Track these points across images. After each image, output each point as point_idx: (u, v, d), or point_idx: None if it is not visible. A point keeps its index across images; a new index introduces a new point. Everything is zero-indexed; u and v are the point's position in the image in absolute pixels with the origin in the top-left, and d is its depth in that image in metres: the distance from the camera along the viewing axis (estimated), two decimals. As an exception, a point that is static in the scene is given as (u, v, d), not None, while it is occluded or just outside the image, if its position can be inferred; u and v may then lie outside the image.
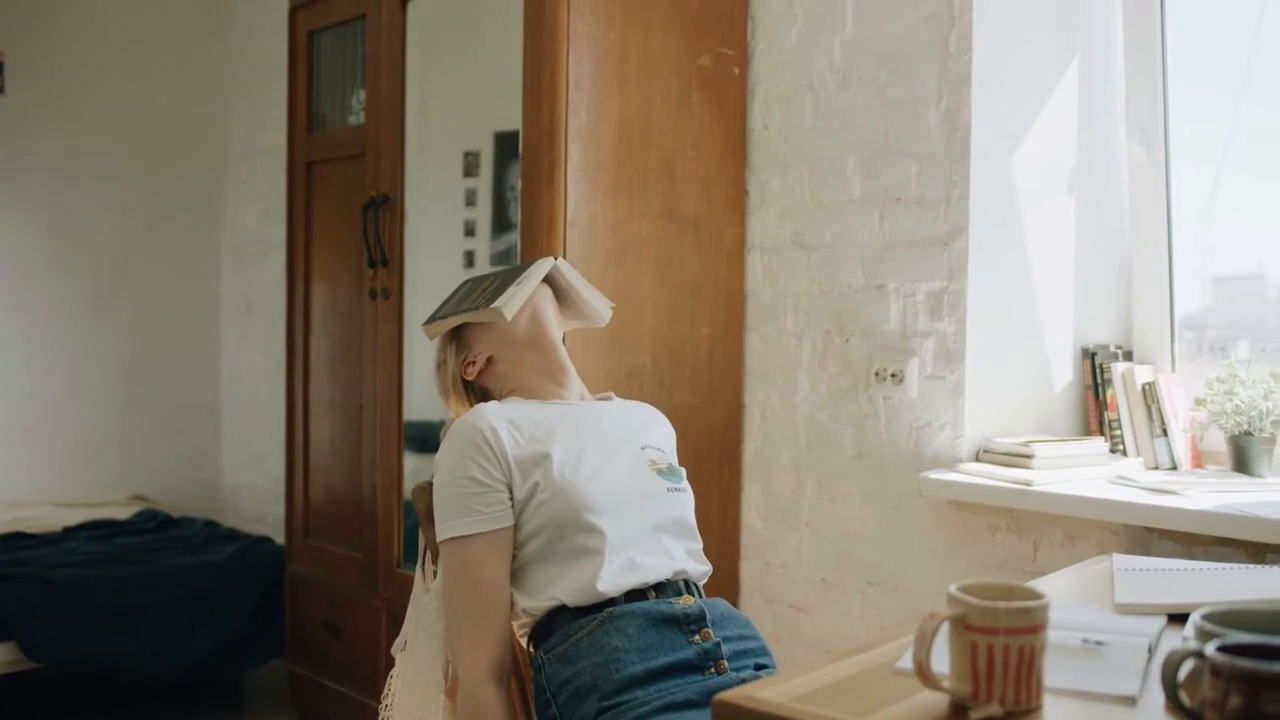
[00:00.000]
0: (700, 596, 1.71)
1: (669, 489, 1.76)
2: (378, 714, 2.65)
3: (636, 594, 1.65)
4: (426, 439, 3.07)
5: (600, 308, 1.96)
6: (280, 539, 3.59)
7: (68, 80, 4.17)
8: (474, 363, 1.86)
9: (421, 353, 2.89)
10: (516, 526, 1.67)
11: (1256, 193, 2.47)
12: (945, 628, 1.03)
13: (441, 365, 1.89)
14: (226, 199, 4.57)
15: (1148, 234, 2.47)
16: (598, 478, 1.69)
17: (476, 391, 1.88)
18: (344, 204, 3.04)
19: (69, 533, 3.70)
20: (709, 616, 1.64)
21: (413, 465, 2.93)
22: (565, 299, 1.94)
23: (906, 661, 1.14)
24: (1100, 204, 2.53)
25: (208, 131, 4.53)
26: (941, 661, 1.05)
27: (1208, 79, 2.48)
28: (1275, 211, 2.46)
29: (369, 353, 2.93)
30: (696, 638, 1.61)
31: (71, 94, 4.18)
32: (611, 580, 1.63)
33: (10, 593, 3.14)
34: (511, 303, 1.79)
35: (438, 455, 1.72)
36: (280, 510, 3.60)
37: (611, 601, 1.63)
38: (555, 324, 1.89)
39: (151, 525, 3.87)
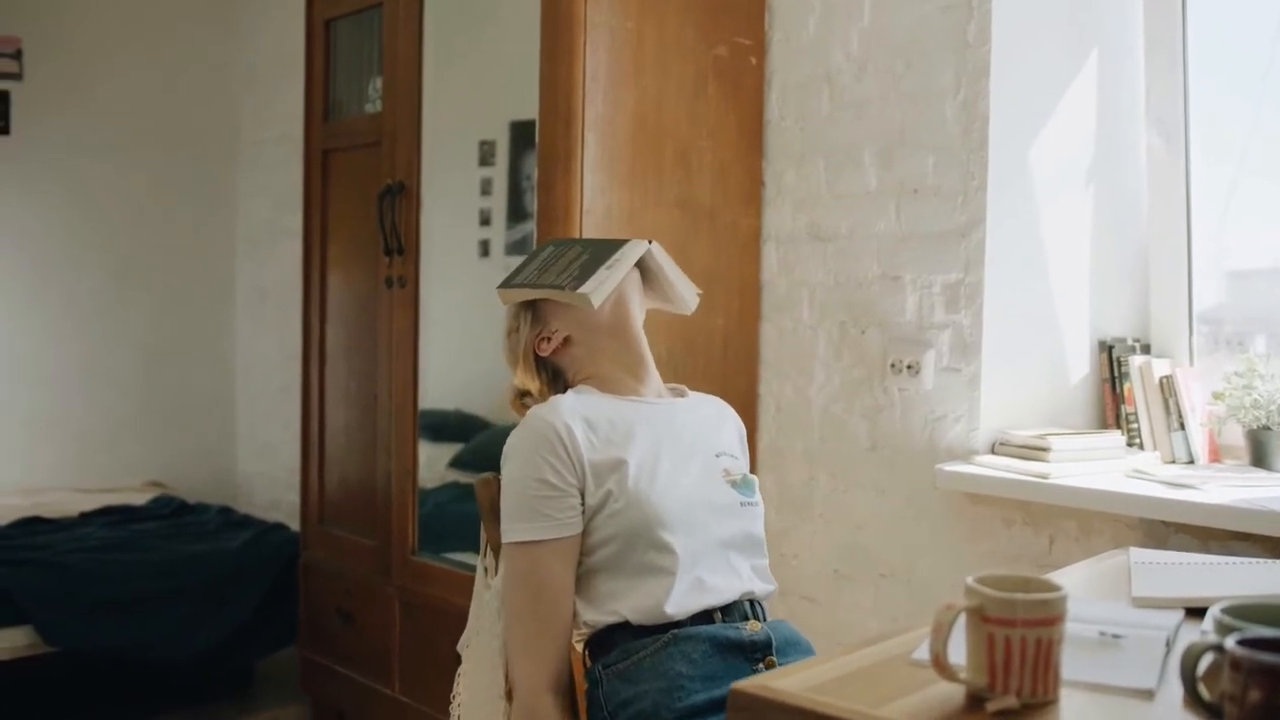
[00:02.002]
0: (765, 619, 1.67)
1: (742, 503, 1.71)
2: (392, 701, 2.65)
3: (702, 615, 1.61)
4: (441, 428, 3.08)
5: (687, 295, 1.86)
6: (294, 526, 3.60)
7: (84, 68, 4.19)
8: (549, 339, 1.75)
9: (437, 341, 2.90)
10: (585, 533, 1.61)
11: (1272, 196, 2.45)
12: (962, 619, 1.03)
13: (513, 333, 1.78)
14: (239, 188, 4.58)
15: (1166, 226, 2.45)
16: (672, 489, 1.63)
17: (548, 368, 1.79)
18: (360, 192, 3.04)
19: (85, 518, 3.72)
20: (774, 644, 1.61)
21: (427, 454, 2.94)
22: (651, 282, 1.83)
23: (922, 653, 1.13)
24: (1118, 196, 2.52)
25: (220, 120, 4.54)
26: (958, 653, 1.04)
27: (1225, 80, 2.45)
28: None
29: (384, 341, 2.93)
30: (760, 666, 1.58)
31: (87, 82, 4.20)
32: (679, 603, 1.58)
33: (27, 577, 3.16)
34: (600, 290, 1.70)
35: (507, 447, 1.65)
36: (293, 497, 3.61)
37: (677, 623, 1.59)
38: (640, 312, 1.80)
39: (166, 512, 3.89)
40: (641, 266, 1.81)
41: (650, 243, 1.80)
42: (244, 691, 3.64)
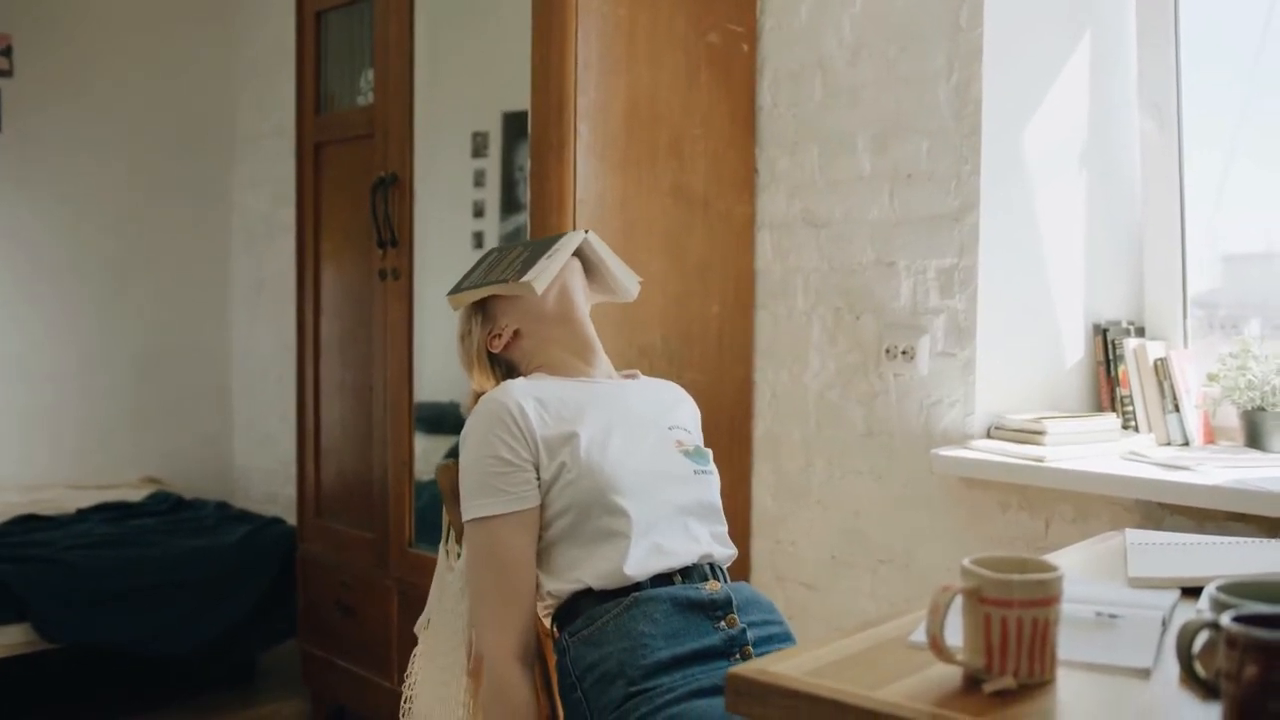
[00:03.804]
0: (725, 581, 1.70)
1: (695, 471, 1.75)
2: (392, 692, 2.66)
3: (662, 578, 1.64)
4: (437, 420, 3.08)
5: (629, 283, 1.93)
6: (291, 520, 3.60)
7: (76, 63, 4.17)
8: (500, 335, 1.83)
9: (432, 333, 2.89)
10: (542, 507, 1.66)
11: (1264, 180, 2.45)
12: (959, 601, 1.03)
13: (466, 336, 1.86)
14: (235, 181, 4.57)
15: (1160, 210, 2.45)
16: (624, 459, 1.67)
17: (502, 365, 1.85)
18: (353, 184, 3.03)
19: (82, 515, 3.72)
20: (735, 602, 1.63)
21: (423, 446, 2.93)
22: (594, 273, 1.90)
23: (920, 635, 1.14)
24: (1111, 180, 2.52)
25: (216, 114, 4.53)
26: (955, 635, 1.04)
27: (1217, 64, 2.45)
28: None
29: (379, 333, 2.93)
30: (722, 624, 1.61)
31: (80, 77, 4.18)
32: (638, 564, 1.62)
33: (25, 574, 3.15)
34: (542, 277, 1.76)
35: (463, 431, 1.70)
36: (291, 491, 3.61)
37: (638, 586, 1.62)
38: (584, 299, 1.86)
39: (164, 507, 3.88)
40: (583, 258, 1.88)
41: (587, 232, 1.87)
42: (245, 685, 3.64)
